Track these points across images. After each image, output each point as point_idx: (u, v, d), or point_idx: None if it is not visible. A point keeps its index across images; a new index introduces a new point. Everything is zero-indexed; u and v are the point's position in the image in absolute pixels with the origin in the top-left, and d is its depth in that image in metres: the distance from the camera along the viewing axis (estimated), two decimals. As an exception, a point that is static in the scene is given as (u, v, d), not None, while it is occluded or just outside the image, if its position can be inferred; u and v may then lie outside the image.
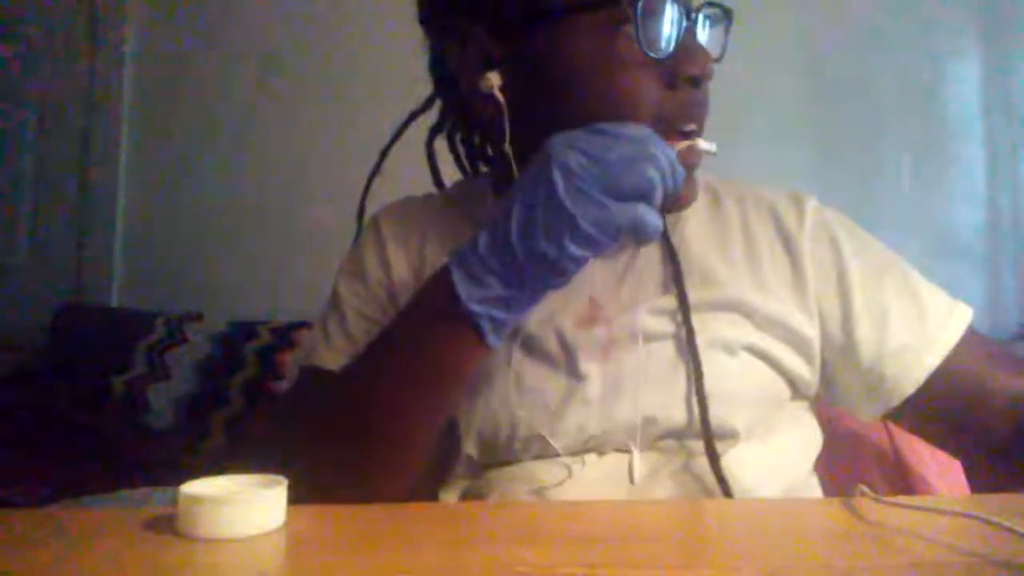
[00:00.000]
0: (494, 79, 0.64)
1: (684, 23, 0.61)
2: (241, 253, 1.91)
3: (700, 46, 0.62)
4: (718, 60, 0.64)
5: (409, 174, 0.76)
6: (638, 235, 0.55)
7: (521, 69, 0.64)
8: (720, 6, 0.64)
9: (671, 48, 0.60)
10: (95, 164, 1.98)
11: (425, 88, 0.75)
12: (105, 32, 2.00)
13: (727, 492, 0.60)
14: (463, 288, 0.56)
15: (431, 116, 0.77)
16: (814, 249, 0.69)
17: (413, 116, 0.75)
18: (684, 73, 0.61)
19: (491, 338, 0.57)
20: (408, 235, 0.73)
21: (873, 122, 1.85)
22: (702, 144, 0.62)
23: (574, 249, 0.54)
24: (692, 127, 0.63)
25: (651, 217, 0.54)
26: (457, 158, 0.79)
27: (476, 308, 0.56)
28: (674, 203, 0.64)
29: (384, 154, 0.76)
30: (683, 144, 0.60)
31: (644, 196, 0.54)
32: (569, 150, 0.54)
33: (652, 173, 0.53)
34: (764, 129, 1.83)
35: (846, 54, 1.86)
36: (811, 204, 0.72)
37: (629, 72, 0.61)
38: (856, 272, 0.68)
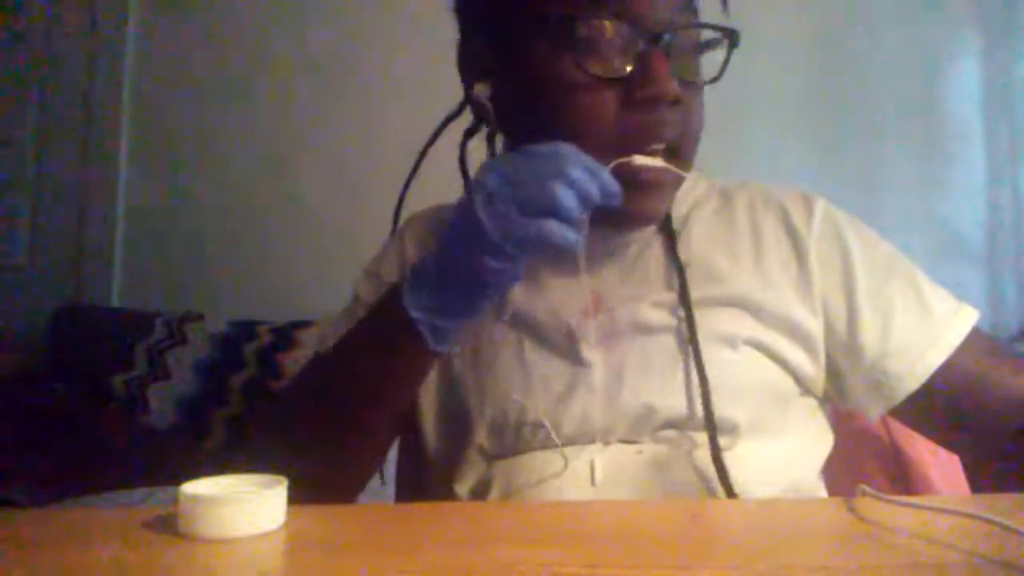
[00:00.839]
0: (482, 89, 0.67)
1: (642, 44, 0.62)
2: (241, 253, 1.91)
3: (661, 67, 0.61)
4: (712, 81, 0.65)
5: (438, 177, 0.76)
6: (549, 248, 0.56)
7: (504, 83, 0.67)
8: (719, 27, 0.65)
9: (628, 69, 0.62)
10: (95, 164, 1.98)
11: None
12: (105, 32, 2.00)
13: (727, 483, 0.61)
14: (408, 296, 0.61)
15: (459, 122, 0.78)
16: (821, 246, 0.70)
17: (448, 121, 0.76)
18: (639, 94, 0.62)
19: (432, 342, 0.61)
20: (431, 241, 0.74)
21: (873, 122, 1.85)
22: (637, 160, 0.61)
23: (491, 262, 0.57)
24: (657, 147, 0.63)
25: (559, 231, 0.55)
26: None
27: (416, 315, 0.60)
28: (633, 218, 0.66)
29: (420, 159, 0.77)
30: (619, 160, 0.60)
31: (552, 211, 0.55)
32: (490, 171, 0.58)
33: (559, 189, 0.55)
34: (765, 129, 1.83)
35: (846, 54, 1.86)
36: (820, 204, 0.73)
37: (583, 93, 0.62)
38: (862, 270, 0.69)
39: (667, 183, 0.65)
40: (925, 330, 0.67)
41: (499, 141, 0.73)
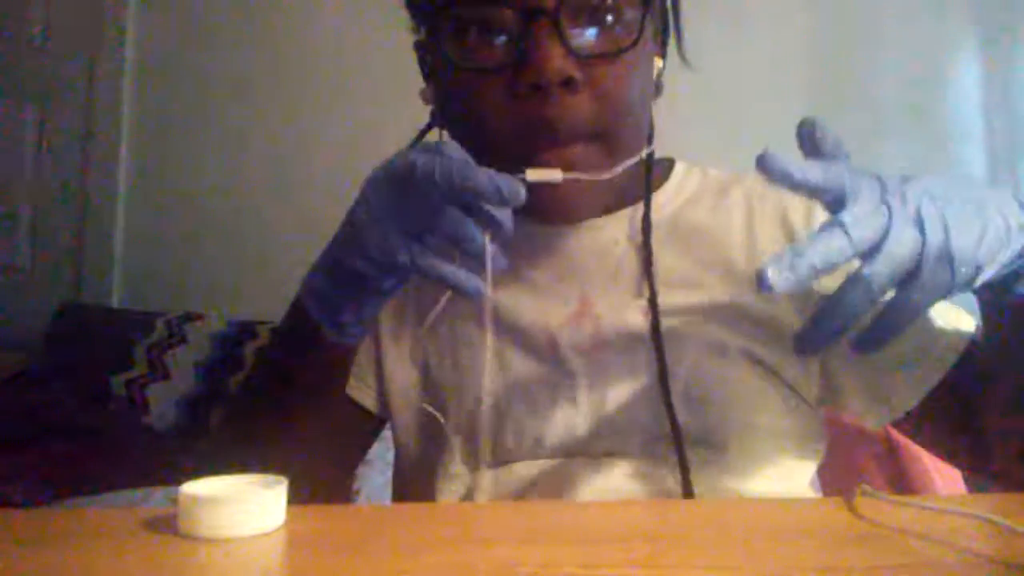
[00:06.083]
0: (428, 90, 0.66)
1: (521, 24, 0.56)
2: (241, 253, 1.91)
3: (540, 48, 0.55)
4: (626, 49, 0.58)
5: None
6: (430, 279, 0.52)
7: (436, 82, 0.65)
8: None
9: (511, 55, 0.57)
10: (95, 164, 1.98)
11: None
12: (105, 32, 2.00)
13: (690, 497, 0.60)
14: (305, 289, 0.59)
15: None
16: None
17: (431, 125, 0.71)
18: (520, 85, 0.56)
19: (331, 333, 0.58)
20: None
21: (873, 122, 1.84)
22: (530, 176, 0.55)
23: (370, 270, 0.54)
24: (555, 138, 0.58)
25: (455, 277, 0.50)
26: None
27: (316, 314, 0.58)
28: (542, 219, 0.64)
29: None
30: (534, 174, 0.55)
31: (450, 238, 0.51)
32: (370, 181, 0.54)
33: (459, 227, 0.50)
34: (764, 129, 1.82)
35: (846, 53, 1.86)
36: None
37: (468, 87, 0.59)
38: None
39: (576, 186, 0.59)
40: (927, 342, 0.64)
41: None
